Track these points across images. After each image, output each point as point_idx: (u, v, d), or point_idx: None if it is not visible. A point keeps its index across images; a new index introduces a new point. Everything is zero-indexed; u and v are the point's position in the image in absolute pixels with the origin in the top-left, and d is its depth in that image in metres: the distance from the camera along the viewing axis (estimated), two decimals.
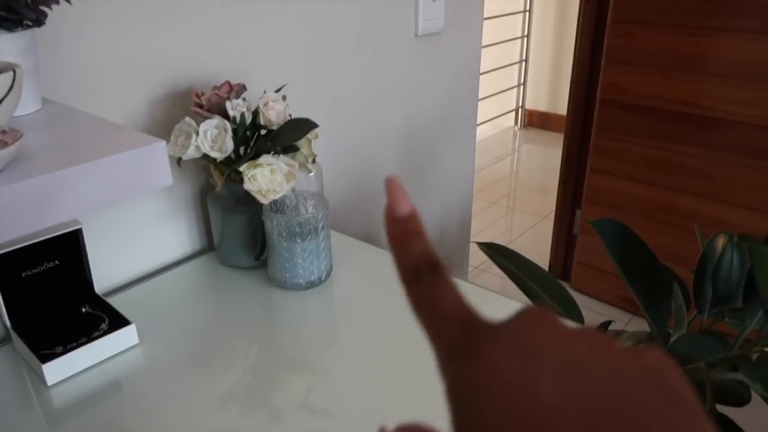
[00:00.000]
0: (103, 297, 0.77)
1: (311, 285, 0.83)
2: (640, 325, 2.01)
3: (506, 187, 3.34)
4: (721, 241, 0.97)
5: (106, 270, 0.83)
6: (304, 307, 0.81)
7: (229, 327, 0.77)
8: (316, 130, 0.79)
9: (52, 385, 0.66)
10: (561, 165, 2.22)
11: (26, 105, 0.62)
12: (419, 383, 0.65)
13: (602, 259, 2.10)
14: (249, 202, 0.83)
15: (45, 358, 0.65)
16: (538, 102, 4.04)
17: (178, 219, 0.90)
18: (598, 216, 2.00)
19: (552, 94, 3.95)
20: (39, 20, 0.63)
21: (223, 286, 0.86)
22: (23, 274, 0.71)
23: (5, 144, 0.50)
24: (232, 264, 0.89)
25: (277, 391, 0.67)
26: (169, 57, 0.82)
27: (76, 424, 0.62)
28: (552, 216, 2.36)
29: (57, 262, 0.73)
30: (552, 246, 2.36)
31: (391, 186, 0.24)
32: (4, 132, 0.51)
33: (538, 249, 2.47)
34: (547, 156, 3.69)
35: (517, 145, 3.94)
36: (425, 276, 0.23)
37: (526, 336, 0.20)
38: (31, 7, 0.62)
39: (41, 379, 0.67)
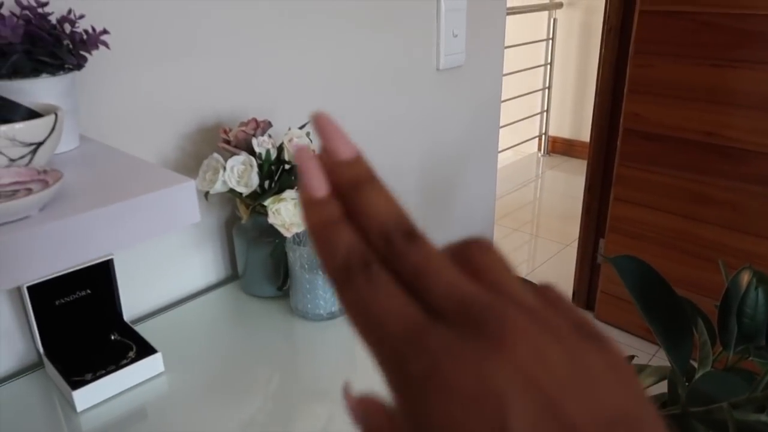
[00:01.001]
0: (131, 325, 0.79)
1: (332, 316, 0.84)
2: (665, 358, 1.97)
3: (529, 214, 3.33)
4: (745, 278, 0.96)
5: (134, 298, 0.86)
6: (325, 338, 0.82)
7: (251, 355, 0.79)
8: None
9: (82, 411, 0.69)
10: (584, 194, 2.21)
11: (65, 143, 0.66)
12: None
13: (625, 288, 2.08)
14: (273, 233, 0.86)
15: (75, 385, 0.68)
16: (561, 129, 4.04)
17: (204, 249, 0.93)
18: (621, 245, 2.00)
19: (575, 120, 3.95)
20: (80, 64, 0.67)
21: (246, 315, 0.88)
22: (56, 302, 0.74)
23: (46, 184, 0.53)
24: (255, 293, 0.91)
25: (297, 420, 0.68)
26: (199, 94, 0.86)
27: None
28: (575, 243, 2.35)
29: (89, 291, 0.76)
30: (575, 275, 2.34)
31: (322, 126, 0.19)
32: (45, 172, 0.55)
33: (561, 277, 2.45)
34: (570, 183, 3.67)
35: (540, 172, 3.93)
36: (358, 276, 0.19)
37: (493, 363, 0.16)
38: (73, 53, 0.66)
39: (71, 405, 0.69)
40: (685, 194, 1.85)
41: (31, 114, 0.58)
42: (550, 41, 3.85)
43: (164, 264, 0.89)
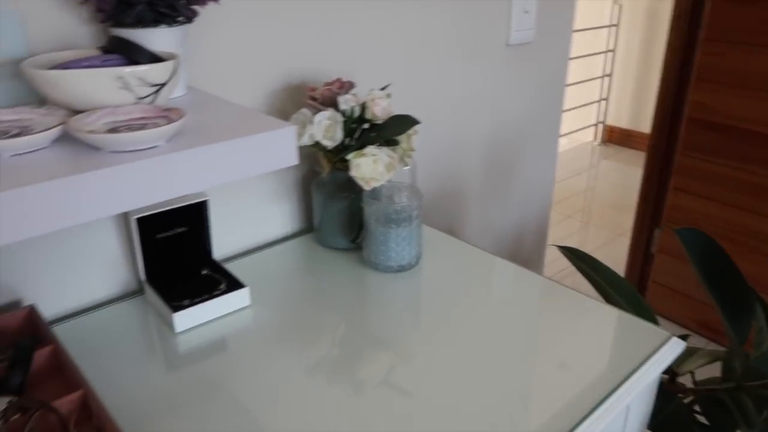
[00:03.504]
0: (220, 263, 0.87)
1: (401, 269, 0.90)
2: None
3: (582, 202, 3.31)
4: None
5: (221, 240, 0.93)
6: (393, 290, 0.87)
7: (322, 302, 0.85)
8: (416, 126, 0.86)
9: (179, 332, 0.76)
10: (642, 182, 2.19)
11: (176, 90, 0.73)
12: (494, 374, 0.70)
13: (680, 280, 2.06)
14: (349, 189, 0.92)
15: (176, 309, 0.76)
16: (619, 118, 3.97)
17: (284, 202, 1.00)
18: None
19: (635, 110, 3.87)
20: (191, 18, 0.74)
21: (319, 264, 0.94)
22: (158, 236, 0.82)
23: (170, 120, 0.60)
24: (329, 245, 0.97)
25: (361, 366, 0.72)
26: (287, 55, 0.92)
27: (193, 370, 0.71)
28: (627, 234, 2.33)
29: (185, 228, 0.84)
30: (627, 264, 2.33)
31: None
32: (168, 110, 0.61)
33: (612, 266, 2.44)
34: (625, 173, 3.62)
35: (595, 161, 3.88)
36: None
37: None
38: (187, 6, 0.72)
39: (170, 326, 0.77)
40: (747, 187, 1.82)
41: (155, 58, 0.65)
42: (614, 27, 3.77)
43: (249, 212, 0.96)
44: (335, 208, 0.93)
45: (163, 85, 0.63)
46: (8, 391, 0.62)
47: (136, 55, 0.64)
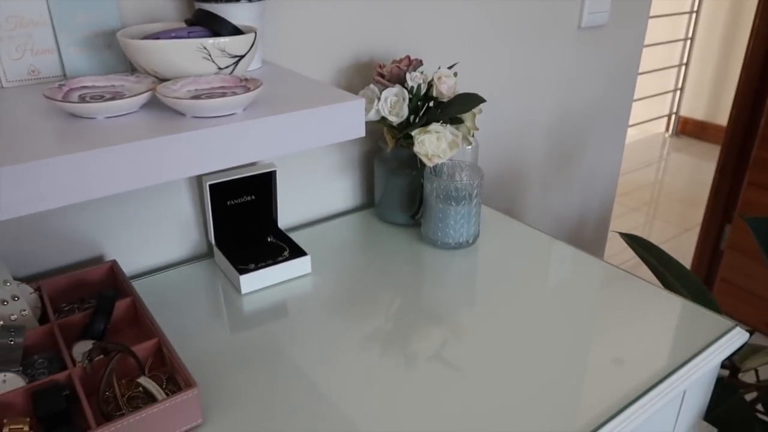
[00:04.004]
0: (284, 231, 0.91)
1: (459, 246, 0.91)
2: None
3: (648, 195, 3.20)
4: None
5: (286, 210, 0.97)
6: (449, 266, 0.89)
7: (380, 275, 0.87)
8: (481, 105, 0.87)
9: (245, 293, 0.81)
10: (714, 175, 2.10)
11: (252, 63, 0.76)
12: (545, 355, 0.71)
13: (750, 278, 1.97)
14: (411, 165, 0.93)
15: (242, 271, 0.80)
16: (695, 109, 3.79)
17: (346, 176, 1.02)
18: (749, 232, 1.89)
19: (712, 102, 3.69)
20: None
21: (378, 239, 0.96)
22: (228, 203, 0.86)
23: (248, 90, 0.63)
24: (388, 220, 0.99)
25: (414, 340, 0.74)
26: (356, 33, 0.94)
27: (255, 330, 0.75)
28: (695, 229, 2.25)
29: (253, 197, 0.88)
30: (693, 260, 2.25)
31: None
32: (246, 80, 0.65)
33: None
34: (696, 167, 3.47)
35: (665, 153, 3.73)
36: None
37: None
38: None
39: (236, 288, 0.82)
40: None
41: (236, 31, 0.68)
42: (694, 14, 3.59)
43: (313, 185, 0.99)
44: (396, 184, 0.95)
45: (242, 56, 0.66)
46: (91, 336, 0.68)
47: (218, 27, 0.67)
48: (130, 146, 0.53)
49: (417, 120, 0.87)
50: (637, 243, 1.06)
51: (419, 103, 0.88)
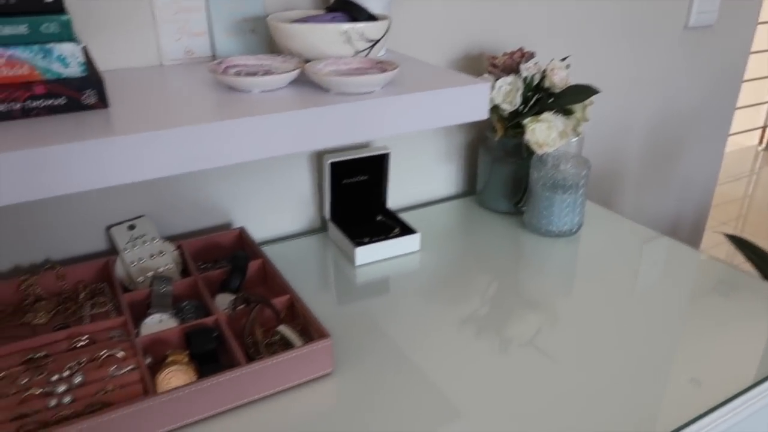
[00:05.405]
0: (393, 211, 0.96)
1: (562, 234, 0.93)
2: None
3: (737, 209, 3.07)
4: None
5: (393, 191, 1.02)
6: (550, 254, 0.91)
7: (480, 260, 0.90)
8: (593, 97, 0.89)
9: (359, 265, 0.86)
10: None
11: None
12: (642, 351, 0.71)
13: None
14: (516, 154, 0.96)
15: (358, 244, 0.85)
16: None
17: (451, 163, 1.07)
18: None
19: None
20: None
21: (480, 225, 1.00)
22: (344, 181, 0.92)
23: (384, 70, 0.68)
24: (490, 207, 1.02)
25: (509, 325, 0.75)
26: (467, 27, 0.98)
27: (364, 301, 0.80)
28: None
29: (366, 177, 0.93)
30: None
31: None
32: (381, 62, 0.70)
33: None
34: None
35: (756, 167, 3.56)
36: None
37: None
38: None
39: (350, 260, 0.87)
40: None
41: (372, 17, 0.74)
42: None
43: (420, 169, 1.04)
44: (501, 172, 0.98)
45: (377, 41, 0.72)
46: (228, 291, 0.75)
47: (356, 13, 0.73)
48: (286, 115, 0.59)
49: (526, 110, 0.90)
50: (738, 243, 1.04)
51: (529, 93, 0.91)
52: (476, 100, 0.70)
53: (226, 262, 0.83)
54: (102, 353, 0.62)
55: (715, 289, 0.81)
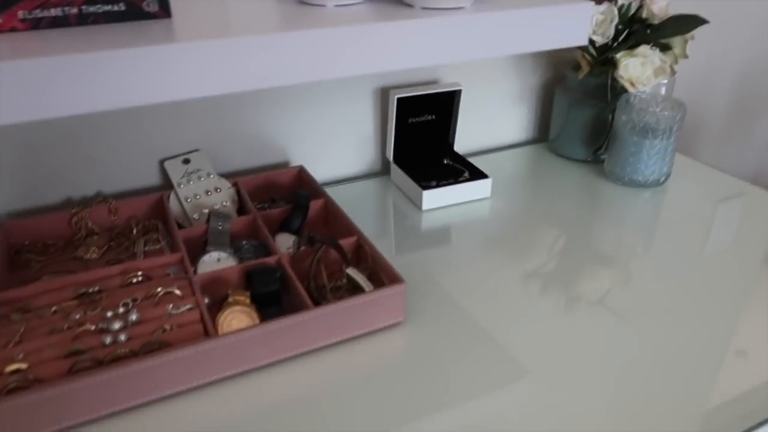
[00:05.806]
0: (461, 154, 0.88)
1: (648, 185, 0.84)
2: None
3: None
4: None
5: (460, 134, 0.94)
6: (630, 207, 0.82)
7: (554, 210, 0.82)
8: (694, 31, 0.79)
9: (425, 210, 0.80)
10: None
11: None
12: (725, 314, 0.64)
13: None
14: (597, 96, 0.87)
15: (425, 188, 0.79)
16: None
17: (523, 106, 0.98)
18: None
19: None
20: None
21: (553, 173, 0.91)
22: (410, 120, 0.85)
23: None
24: (565, 155, 0.94)
25: (578, 282, 0.68)
26: None
27: (431, 249, 0.74)
28: None
29: (434, 117, 0.86)
30: None
31: None
32: None
33: None
34: None
35: None
36: None
37: None
38: None
39: (415, 204, 0.81)
40: None
41: None
42: None
43: (490, 112, 0.96)
44: (580, 116, 0.89)
45: None
46: (289, 231, 0.70)
47: None
48: (364, 28, 0.52)
49: (617, 44, 0.81)
50: None
51: (620, 27, 0.81)
52: (576, 23, 0.62)
53: (284, 202, 0.77)
54: (158, 290, 0.58)
55: None
